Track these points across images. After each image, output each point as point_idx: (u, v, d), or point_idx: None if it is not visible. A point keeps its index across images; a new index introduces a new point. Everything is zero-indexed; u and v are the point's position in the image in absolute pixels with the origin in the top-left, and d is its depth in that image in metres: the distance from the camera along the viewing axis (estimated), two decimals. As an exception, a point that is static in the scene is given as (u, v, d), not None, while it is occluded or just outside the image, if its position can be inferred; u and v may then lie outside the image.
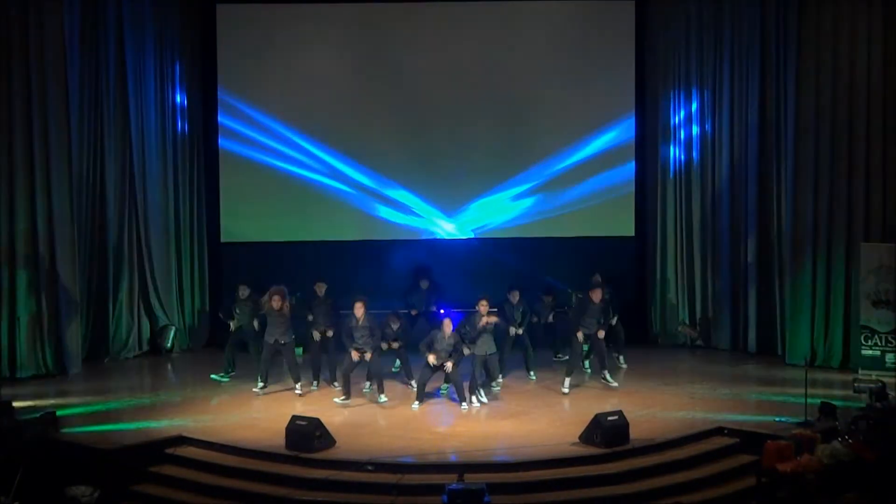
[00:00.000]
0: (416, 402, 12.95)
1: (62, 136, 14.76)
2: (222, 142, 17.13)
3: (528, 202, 17.33)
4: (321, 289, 14.38)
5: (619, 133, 17.22)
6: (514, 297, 14.28)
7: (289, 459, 10.97)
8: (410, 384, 13.73)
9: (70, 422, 12.07)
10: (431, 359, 12.76)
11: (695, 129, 16.84)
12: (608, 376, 13.79)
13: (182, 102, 17.00)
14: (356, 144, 17.19)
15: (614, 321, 14.84)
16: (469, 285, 15.57)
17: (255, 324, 14.16)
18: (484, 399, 12.93)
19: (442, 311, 14.43)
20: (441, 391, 13.55)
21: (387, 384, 13.50)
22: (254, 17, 17.10)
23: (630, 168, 17.34)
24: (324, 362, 14.17)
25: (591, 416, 11.33)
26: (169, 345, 16.62)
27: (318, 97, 17.25)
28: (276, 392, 13.76)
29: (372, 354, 13.12)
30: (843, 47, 14.86)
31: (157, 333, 16.65)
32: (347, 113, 17.21)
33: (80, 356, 15.24)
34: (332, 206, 17.27)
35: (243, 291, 14.54)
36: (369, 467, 10.64)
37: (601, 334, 13.72)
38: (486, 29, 17.13)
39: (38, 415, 11.96)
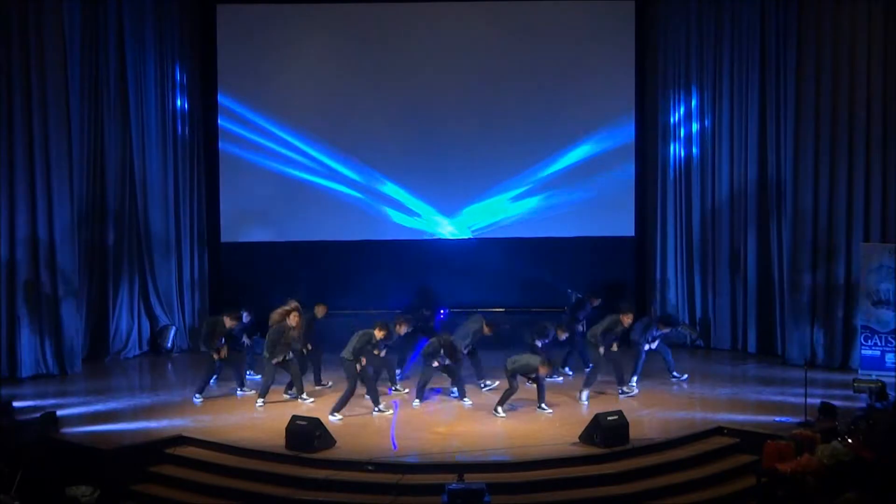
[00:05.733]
0: (417, 400, 13.03)
1: (62, 137, 14.75)
2: (222, 142, 17.13)
3: (527, 202, 17.32)
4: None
5: (619, 133, 17.22)
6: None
7: (289, 459, 10.98)
8: (396, 387, 13.78)
9: (70, 422, 12.07)
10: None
11: (695, 129, 16.82)
12: (626, 388, 13.49)
13: (182, 102, 16.96)
14: (356, 144, 17.19)
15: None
16: (469, 286, 15.58)
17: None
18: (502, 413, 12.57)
19: (443, 312, 14.44)
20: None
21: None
22: (254, 17, 17.10)
23: (630, 168, 17.33)
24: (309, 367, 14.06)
25: (591, 416, 11.34)
26: (169, 345, 16.62)
27: (318, 97, 17.26)
28: (276, 392, 13.75)
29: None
30: (843, 47, 14.85)
31: (157, 333, 16.65)
32: (347, 113, 17.21)
33: (80, 356, 15.24)
34: (331, 207, 17.27)
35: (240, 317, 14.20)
36: (369, 467, 10.65)
37: (615, 347, 13.59)
38: (486, 29, 17.13)
39: (38, 415, 11.97)
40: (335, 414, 12.22)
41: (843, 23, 14.83)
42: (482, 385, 13.82)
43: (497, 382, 13.72)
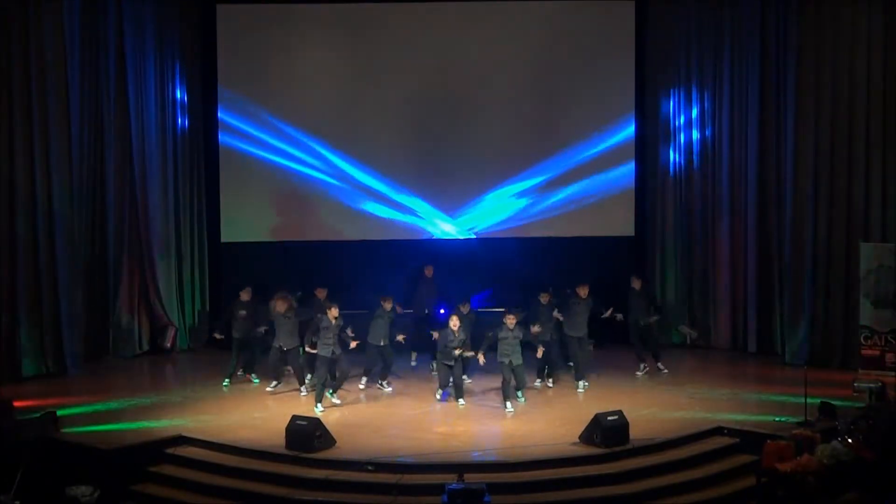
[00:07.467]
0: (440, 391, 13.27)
1: (62, 137, 14.75)
2: (222, 142, 17.12)
3: (527, 202, 17.32)
4: (322, 294, 14.47)
5: (619, 133, 17.21)
6: (544, 298, 14.15)
7: (289, 459, 10.99)
8: (381, 384, 13.91)
9: (70, 422, 12.07)
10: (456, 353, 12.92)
11: (695, 129, 16.82)
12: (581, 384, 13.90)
13: (182, 102, 16.98)
14: (356, 144, 17.19)
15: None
16: (469, 286, 15.57)
17: (261, 329, 14.26)
18: (511, 408, 12.77)
19: (443, 311, 14.43)
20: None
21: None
22: (254, 17, 17.10)
23: (630, 168, 17.33)
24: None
25: (591, 416, 11.34)
26: (169, 345, 16.61)
27: (318, 97, 17.25)
28: (276, 392, 13.77)
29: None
30: (843, 48, 14.86)
31: (158, 333, 16.65)
32: (347, 113, 17.20)
33: (80, 356, 15.24)
34: (332, 206, 17.27)
35: (246, 295, 14.46)
36: (369, 467, 10.65)
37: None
38: (486, 29, 17.12)
39: (38, 415, 11.96)
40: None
41: (843, 23, 14.84)
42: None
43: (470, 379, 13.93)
